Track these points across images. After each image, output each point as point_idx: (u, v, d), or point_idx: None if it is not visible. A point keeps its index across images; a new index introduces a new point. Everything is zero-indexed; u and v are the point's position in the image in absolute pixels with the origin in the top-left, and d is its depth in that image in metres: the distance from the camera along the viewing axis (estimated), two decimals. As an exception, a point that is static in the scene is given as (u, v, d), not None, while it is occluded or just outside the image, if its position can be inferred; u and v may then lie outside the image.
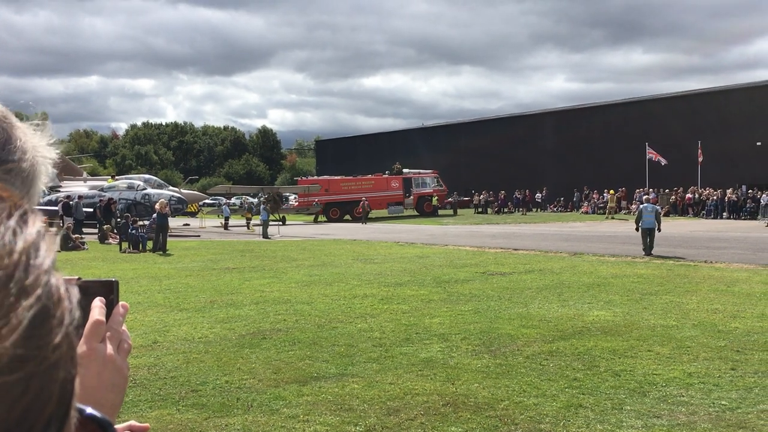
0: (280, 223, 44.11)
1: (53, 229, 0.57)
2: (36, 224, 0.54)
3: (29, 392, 0.49)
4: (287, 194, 53.81)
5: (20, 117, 0.87)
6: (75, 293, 0.57)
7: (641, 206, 20.84)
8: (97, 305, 0.91)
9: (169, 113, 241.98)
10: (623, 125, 56.67)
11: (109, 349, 0.91)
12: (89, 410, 0.77)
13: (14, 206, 0.54)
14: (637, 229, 20.36)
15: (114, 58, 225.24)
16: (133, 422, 1.10)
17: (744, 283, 14.10)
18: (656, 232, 19.97)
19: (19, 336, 0.49)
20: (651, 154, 48.11)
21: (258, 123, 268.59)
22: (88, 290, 0.92)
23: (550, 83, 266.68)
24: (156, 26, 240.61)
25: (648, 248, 19.69)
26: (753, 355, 8.27)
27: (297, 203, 51.90)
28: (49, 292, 0.52)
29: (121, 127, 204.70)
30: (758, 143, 47.83)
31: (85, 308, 0.89)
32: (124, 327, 0.95)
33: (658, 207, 21.71)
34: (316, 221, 48.20)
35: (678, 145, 50.93)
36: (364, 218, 45.31)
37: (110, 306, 0.94)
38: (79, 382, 0.83)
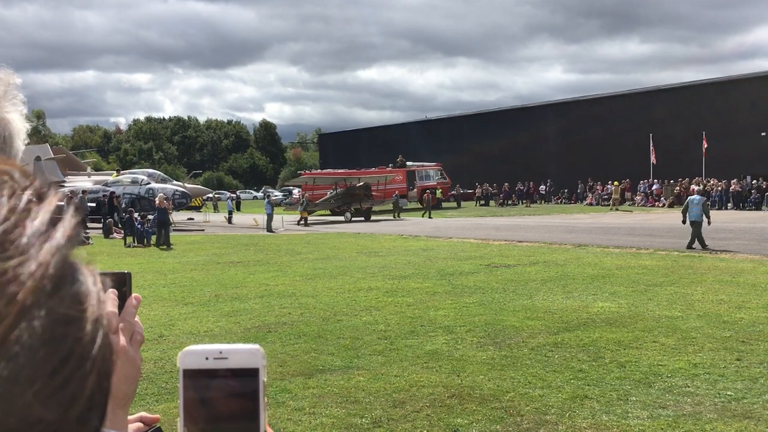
0: (363, 219, 37.81)
1: (71, 209, 0.55)
2: (52, 203, 0.52)
3: (72, 358, 0.48)
4: (290, 187, 53.29)
5: None
6: (101, 278, 0.55)
7: (689, 198, 20.12)
8: (110, 297, 0.91)
9: (167, 107, 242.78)
10: (627, 117, 56.49)
11: (122, 340, 0.91)
12: None
13: (27, 185, 0.52)
14: (684, 221, 19.58)
15: (108, 52, 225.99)
16: (144, 413, 1.11)
17: (749, 274, 14.08)
18: (705, 224, 19.01)
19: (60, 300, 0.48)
20: (652, 148, 48.23)
21: (255, 116, 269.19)
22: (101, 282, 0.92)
23: (547, 74, 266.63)
24: (147, 19, 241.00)
25: (690, 242, 18.88)
26: (758, 346, 8.26)
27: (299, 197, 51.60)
28: (71, 263, 0.51)
29: (120, 121, 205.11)
30: (763, 134, 47.66)
31: None
32: (136, 318, 0.96)
33: (705, 198, 20.09)
34: (429, 215, 40.77)
35: (683, 136, 50.80)
36: (428, 210, 41.07)
37: (123, 298, 0.94)
38: None
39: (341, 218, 39.37)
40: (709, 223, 19.26)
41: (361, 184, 39.89)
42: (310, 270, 16.50)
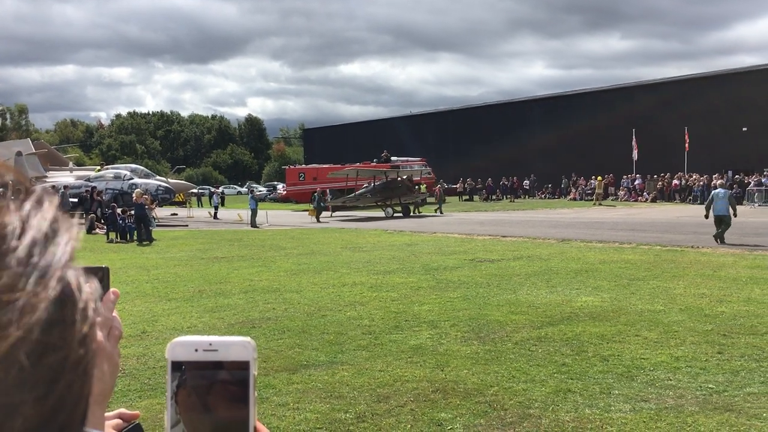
0: (402, 215, 35.19)
1: (74, 218, 0.52)
2: (51, 210, 0.50)
3: (59, 385, 0.47)
4: (275, 183, 53.09)
5: None
6: (97, 287, 0.53)
7: (714, 191, 18.96)
8: (99, 301, 0.90)
9: (149, 102, 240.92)
10: (610, 112, 56.78)
11: (99, 336, 0.90)
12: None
13: (26, 190, 0.50)
14: (706, 216, 18.91)
15: (88, 46, 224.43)
16: (123, 410, 1.10)
17: (730, 268, 14.21)
18: (732, 218, 18.40)
19: (43, 324, 0.46)
20: (634, 143, 48.58)
21: (238, 111, 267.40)
22: None
23: (529, 70, 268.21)
24: (126, 13, 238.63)
25: (720, 236, 18.29)
26: (739, 339, 8.34)
27: (285, 192, 51.38)
28: (67, 286, 0.49)
29: (101, 116, 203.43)
30: (744, 129, 48.08)
31: None
32: (115, 313, 0.94)
33: (732, 192, 19.08)
34: (441, 210, 39.24)
35: (665, 131, 51.15)
36: (440, 206, 39.25)
37: None
38: None
39: (363, 214, 37.59)
40: (735, 215, 18.60)
41: (405, 176, 37.06)
42: (295, 265, 16.47)
